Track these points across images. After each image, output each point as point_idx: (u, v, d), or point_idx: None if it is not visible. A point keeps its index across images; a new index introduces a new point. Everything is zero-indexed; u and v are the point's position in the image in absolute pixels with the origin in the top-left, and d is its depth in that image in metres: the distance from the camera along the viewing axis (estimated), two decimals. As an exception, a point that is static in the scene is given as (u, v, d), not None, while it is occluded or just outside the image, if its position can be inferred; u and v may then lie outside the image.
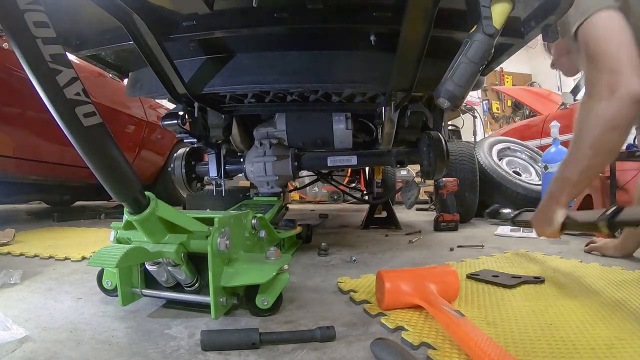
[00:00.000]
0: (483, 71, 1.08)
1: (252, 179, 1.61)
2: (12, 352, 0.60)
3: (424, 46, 0.96)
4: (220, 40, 1.16)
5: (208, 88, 1.24)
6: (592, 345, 0.61)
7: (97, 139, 0.60)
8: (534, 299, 0.85)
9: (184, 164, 1.61)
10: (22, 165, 2.17)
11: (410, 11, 0.86)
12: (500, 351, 0.53)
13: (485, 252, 1.43)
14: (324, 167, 1.60)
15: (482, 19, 0.75)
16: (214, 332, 0.64)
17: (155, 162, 3.19)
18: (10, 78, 1.92)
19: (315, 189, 4.84)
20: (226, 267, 0.77)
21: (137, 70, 1.43)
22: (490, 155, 2.80)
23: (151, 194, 0.69)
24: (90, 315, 0.77)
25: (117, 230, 0.79)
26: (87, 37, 1.20)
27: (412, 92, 1.13)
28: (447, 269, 0.84)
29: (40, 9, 0.53)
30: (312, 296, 0.90)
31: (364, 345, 0.63)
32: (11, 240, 1.59)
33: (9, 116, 2.01)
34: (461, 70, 0.78)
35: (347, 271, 1.13)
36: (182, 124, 1.36)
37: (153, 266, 0.74)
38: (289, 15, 1.01)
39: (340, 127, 1.51)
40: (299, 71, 1.19)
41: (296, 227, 1.49)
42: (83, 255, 1.30)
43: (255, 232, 0.96)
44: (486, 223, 2.38)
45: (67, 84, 0.56)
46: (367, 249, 1.49)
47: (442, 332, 0.66)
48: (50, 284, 0.99)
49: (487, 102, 8.05)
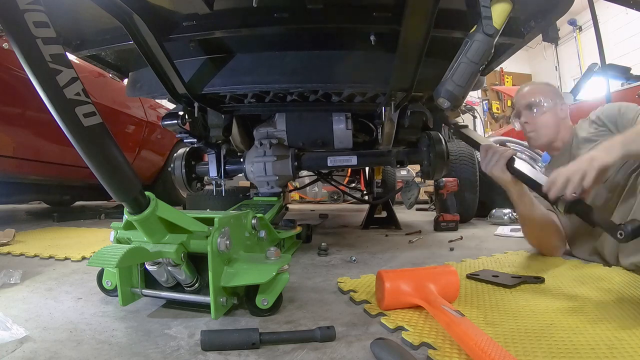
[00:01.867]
0: (483, 71, 1.08)
1: (252, 179, 1.61)
2: (12, 352, 0.60)
3: (424, 46, 0.96)
4: (220, 40, 1.16)
5: (208, 88, 1.24)
6: (592, 345, 0.61)
7: (97, 139, 0.60)
8: (534, 299, 0.85)
9: (184, 164, 1.61)
10: (22, 165, 2.17)
11: (410, 11, 0.86)
12: (500, 351, 0.53)
13: (485, 252, 1.43)
14: (324, 167, 1.60)
15: (482, 19, 0.76)
16: (214, 332, 0.64)
17: (155, 162, 3.19)
18: (10, 78, 1.92)
19: (315, 189, 4.84)
20: (226, 267, 0.77)
21: (137, 70, 1.42)
22: (490, 155, 2.79)
23: (151, 194, 0.69)
24: (90, 315, 0.77)
25: (117, 230, 0.79)
26: (87, 37, 1.20)
27: (412, 92, 1.13)
28: (447, 269, 0.84)
29: (40, 9, 0.53)
30: (312, 296, 0.90)
31: (364, 345, 0.63)
32: (11, 240, 1.58)
33: (9, 116, 2.01)
34: (461, 70, 0.79)
35: (347, 271, 1.13)
36: (182, 124, 1.36)
37: (153, 266, 0.74)
38: (288, 15, 1.01)
39: (340, 127, 1.51)
40: (299, 71, 1.19)
41: (296, 227, 1.49)
42: (83, 255, 1.30)
43: (255, 232, 0.96)
44: (486, 223, 2.38)
45: (67, 84, 0.56)
46: (367, 249, 1.49)
47: (442, 332, 0.66)
48: (50, 284, 0.99)
49: (487, 102, 8.06)
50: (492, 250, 1.45)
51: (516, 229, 1.95)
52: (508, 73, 8.16)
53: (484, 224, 2.34)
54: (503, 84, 8.10)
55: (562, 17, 0.99)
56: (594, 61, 3.36)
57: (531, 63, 8.17)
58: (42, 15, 0.54)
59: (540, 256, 1.31)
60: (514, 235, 1.88)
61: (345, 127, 1.52)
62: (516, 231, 1.93)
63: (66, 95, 0.56)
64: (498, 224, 2.27)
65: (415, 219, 2.64)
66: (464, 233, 1.93)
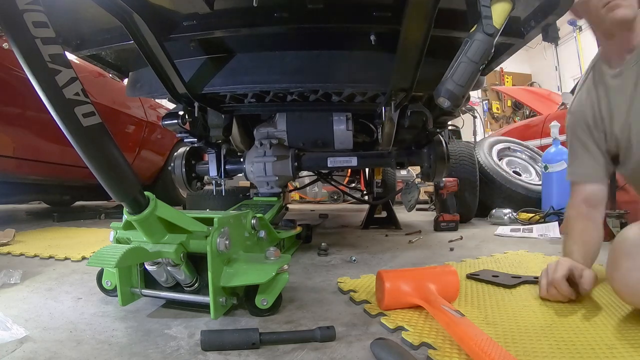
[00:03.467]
0: (483, 71, 1.08)
1: (252, 179, 1.61)
2: (12, 352, 0.60)
3: (424, 46, 0.96)
4: (220, 40, 1.16)
5: (208, 88, 1.24)
6: (592, 345, 0.61)
7: (96, 139, 0.60)
8: (534, 299, 0.85)
9: (184, 163, 1.61)
10: (22, 165, 2.17)
11: (410, 11, 0.85)
12: (500, 351, 0.53)
13: (486, 252, 1.43)
14: (324, 168, 1.60)
15: (482, 19, 0.75)
16: (214, 332, 0.64)
17: (155, 162, 3.19)
18: (10, 78, 1.92)
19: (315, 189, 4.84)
20: (226, 267, 0.77)
21: (137, 70, 1.42)
22: (490, 155, 2.80)
23: (151, 194, 0.68)
24: (90, 315, 0.77)
25: (116, 230, 0.79)
26: (87, 36, 1.20)
27: (412, 91, 1.13)
28: (447, 269, 0.84)
29: (39, 9, 0.53)
30: (312, 296, 0.90)
31: (364, 345, 0.63)
32: (11, 240, 1.59)
33: (9, 116, 2.01)
34: (461, 70, 0.78)
35: (347, 271, 1.13)
36: (182, 123, 1.36)
37: (152, 266, 0.74)
38: (289, 15, 1.01)
39: (341, 127, 1.51)
40: (299, 71, 1.19)
41: (296, 227, 1.49)
42: (83, 255, 1.30)
43: (255, 232, 0.96)
44: (486, 223, 2.38)
45: (67, 84, 0.56)
46: (367, 249, 1.49)
47: (442, 332, 0.66)
48: (50, 284, 0.99)
49: (487, 102, 8.05)
50: (492, 250, 1.45)
51: (516, 229, 1.96)
52: (508, 73, 8.16)
53: (484, 224, 2.34)
54: (503, 84, 8.10)
55: (562, 17, 0.99)
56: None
57: (531, 63, 8.17)
58: (41, 15, 0.53)
59: (540, 256, 1.31)
60: (514, 235, 1.88)
61: (345, 128, 1.51)
62: (516, 231, 1.93)
63: (65, 95, 0.56)
64: (498, 224, 2.27)
65: (415, 219, 2.64)
66: (464, 233, 1.93)
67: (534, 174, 3.03)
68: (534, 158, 3.13)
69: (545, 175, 2.49)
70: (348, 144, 1.56)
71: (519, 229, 1.95)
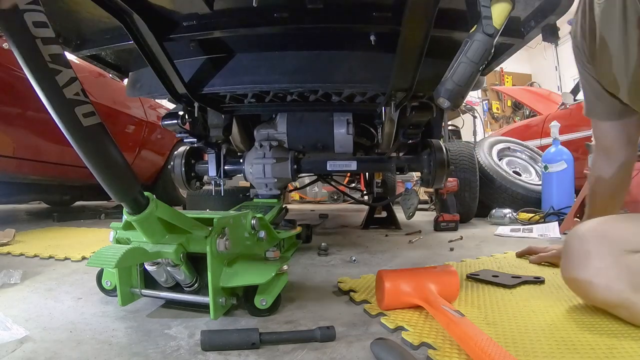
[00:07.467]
0: (483, 71, 1.08)
1: (251, 180, 1.61)
2: (12, 352, 0.60)
3: (424, 46, 0.96)
4: (220, 40, 1.16)
5: (208, 88, 1.24)
6: (592, 346, 0.61)
7: (96, 139, 0.60)
8: (534, 299, 0.85)
9: (183, 162, 1.61)
10: (22, 165, 2.17)
11: (410, 11, 0.85)
12: (500, 351, 0.53)
13: (486, 252, 1.43)
14: (324, 171, 1.60)
15: (482, 19, 0.75)
16: (214, 332, 0.64)
17: (155, 162, 3.19)
18: (10, 78, 1.92)
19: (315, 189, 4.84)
20: (225, 268, 0.77)
21: (137, 70, 1.42)
22: (490, 155, 2.80)
23: (151, 194, 0.68)
24: (90, 315, 0.77)
25: (116, 230, 0.79)
26: (87, 36, 1.20)
27: (412, 92, 1.13)
28: (447, 269, 0.84)
29: (39, 9, 0.53)
30: (312, 296, 0.90)
31: (364, 345, 0.63)
32: (11, 240, 1.59)
33: (9, 116, 2.01)
34: (461, 70, 0.78)
35: (347, 271, 1.13)
36: (182, 123, 1.36)
37: (152, 266, 0.74)
38: (289, 15, 1.01)
39: (341, 131, 1.51)
40: (299, 71, 1.19)
41: (296, 227, 1.49)
42: (83, 255, 1.30)
43: (255, 232, 0.96)
44: (486, 223, 2.38)
45: (66, 84, 0.56)
46: (367, 249, 1.49)
47: (442, 332, 0.66)
48: (50, 284, 0.99)
49: (487, 102, 8.05)
50: (492, 250, 1.45)
51: (516, 229, 1.96)
52: (508, 73, 8.16)
53: (484, 224, 2.34)
54: (503, 84, 8.10)
55: (562, 17, 0.99)
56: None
57: (531, 63, 8.17)
58: (41, 16, 0.53)
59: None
60: (514, 235, 1.88)
61: (346, 132, 1.51)
62: (516, 231, 1.93)
63: (65, 96, 0.56)
64: (498, 224, 2.28)
65: (415, 219, 2.63)
66: (464, 233, 1.93)
67: (534, 174, 3.03)
68: (534, 158, 3.13)
69: (545, 175, 2.50)
70: (348, 148, 1.56)
71: (519, 229, 1.95)
